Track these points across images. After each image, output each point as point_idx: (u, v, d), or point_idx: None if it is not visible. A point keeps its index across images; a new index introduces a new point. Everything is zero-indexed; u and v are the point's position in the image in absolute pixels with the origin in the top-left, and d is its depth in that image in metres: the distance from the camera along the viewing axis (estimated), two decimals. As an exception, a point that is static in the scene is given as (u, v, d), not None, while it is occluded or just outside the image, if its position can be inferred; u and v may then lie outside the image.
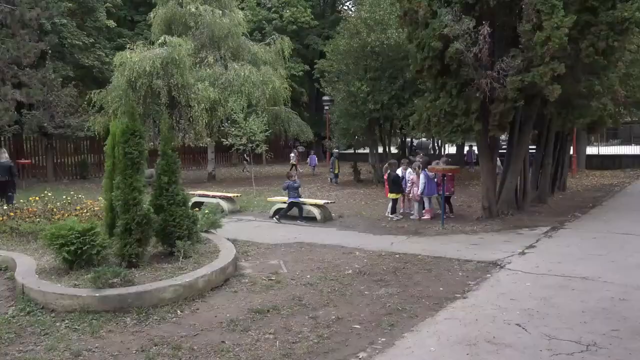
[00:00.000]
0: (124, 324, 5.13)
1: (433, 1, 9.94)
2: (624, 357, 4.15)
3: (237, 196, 13.84)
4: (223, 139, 17.84)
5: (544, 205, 12.63)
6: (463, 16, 9.39)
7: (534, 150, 13.67)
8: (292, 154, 25.58)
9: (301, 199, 11.72)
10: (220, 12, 21.62)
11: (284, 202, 12.32)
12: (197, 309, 5.60)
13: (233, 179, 23.52)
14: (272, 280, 6.68)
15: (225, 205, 12.63)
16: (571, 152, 18.93)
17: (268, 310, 5.49)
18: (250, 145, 16.42)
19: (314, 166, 24.81)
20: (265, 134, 16.74)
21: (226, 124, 18.54)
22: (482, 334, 4.69)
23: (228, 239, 8.37)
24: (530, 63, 9.25)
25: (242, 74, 20.37)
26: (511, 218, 10.90)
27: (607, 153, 25.70)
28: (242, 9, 28.05)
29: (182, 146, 21.83)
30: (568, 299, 5.65)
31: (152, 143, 20.36)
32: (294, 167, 25.18)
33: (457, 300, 5.76)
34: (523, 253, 7.87)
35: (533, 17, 9.03)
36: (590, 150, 25.05)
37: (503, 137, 14.85)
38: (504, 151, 12.70)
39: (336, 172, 19.69)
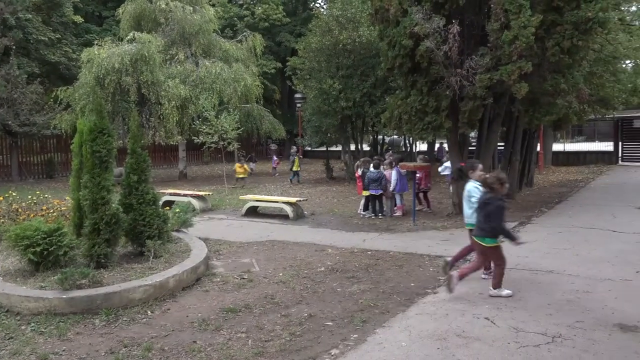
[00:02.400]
0: (92, 326, 5.04)
1: (404, 0, 10.03)
2: (587, 347, 4.27)
3: (209, 194, 13.72)
4: (194, 137, 17.67)
5: (512, 201, 12.86)
6: (433, 15, 9.51)
7: (502, 147, 13.93)
8: (292, 151, 25.54)
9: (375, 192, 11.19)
10: (191, 8, 21.38)
11: (257, 200, 12.28)
12: (168, 309, 5.54)
13: (205, 177, 23.30)
14: (244, 278, 6.66)
15: (196, 203, 12.51)
16: (538, 148, 19.36)
17: (240, 309, 5.47)
18: (222, 143, 16.30)
19: (275, 166, 24.16)
20: (237, 131, 16.64)
21: (197, 121, 18.33)
22: (452, 328, 4.77)
23: (200, 238, 8.30)
24: (498, 61, 9.43)
25: (214, 71, 20.20)
26: (481, 214, 11.07)
27: (572, 150, 26.39)
28: (213, 5, 27.78)
29: (153, 144, 21.54)
30: (535, 292, 5.79)
31: (121, 141, 20.04)
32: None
33: (428, 295, 5.84)
34: (492, 248, 8.01)
35: (501, 16, 9.20)
36: (557, 147, 25.68)
37: (472, 134, 15.07)
38: (474, 148, 12.92)
39: (295, 169, 19.39)
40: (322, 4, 38.89)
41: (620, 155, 23.77)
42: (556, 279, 6.26)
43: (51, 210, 9.03)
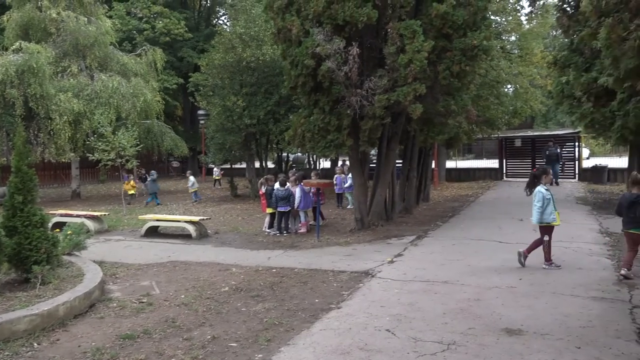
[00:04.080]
0: (-33, 363, 4.56)
1: (306, 21, 10.24)
2: (478, 352, 4.56)
3: (105, 215, 12.99)
4: (89, 154, 16.68)
5: (410, 216, 13.51)
6: (334, 36, 9.80)
7: (401, 164, 14.60)
8: (215, 169, 24.95)
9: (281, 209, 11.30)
10: (86, 19, 20.33)
11: (157, 220, 11.83)
12: (58, 340, 5.14)
13: (100, 196, 22.05)
14: (143, 302, 6.36)
15: (91, 224, 11.79)
16: (433, 165, 20.49)
17: (138, 335, 5.20)
18: (120, 160, 15.55)
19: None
20: (136, 148, 15.96)
21: (92, 137, 17.34)
22: (355, 342, 4.88)
23: (94, 261, 7.82)
24: (395, 83, 9.92)
25: (110, 85, 19.30)
26: (381, 229, 11.49)
27: (463, 167, 28.20)
28: (111, 17, 26.66)
29: (42, 162, 20.06)
30: (431, 302, 6.09)
31: (5, 158, 18.44)
32: (217, 182, 24.68)
33: (332, 310, 5.93)
34: (392, 262, 8.34)
35: (397, 40, 9.72)
36: (449, 164, 27.31)
37: (373, 152, 15.65)
38: (375, 165, 13.42)
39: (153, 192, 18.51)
40: (225, 21, 38.75)
41: (504, 171, 25.77)
42: (451, 289, 6.63)
43: None
